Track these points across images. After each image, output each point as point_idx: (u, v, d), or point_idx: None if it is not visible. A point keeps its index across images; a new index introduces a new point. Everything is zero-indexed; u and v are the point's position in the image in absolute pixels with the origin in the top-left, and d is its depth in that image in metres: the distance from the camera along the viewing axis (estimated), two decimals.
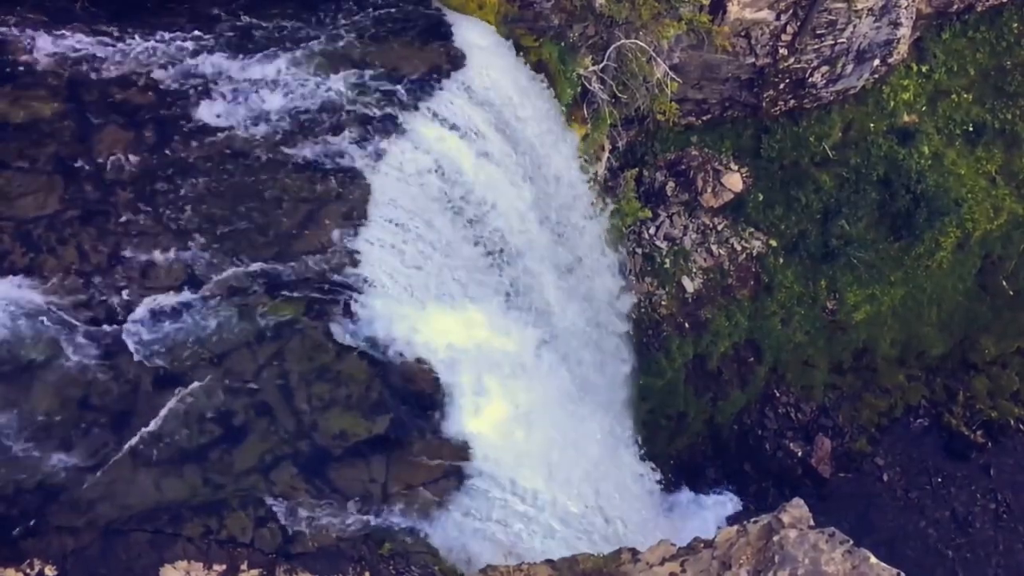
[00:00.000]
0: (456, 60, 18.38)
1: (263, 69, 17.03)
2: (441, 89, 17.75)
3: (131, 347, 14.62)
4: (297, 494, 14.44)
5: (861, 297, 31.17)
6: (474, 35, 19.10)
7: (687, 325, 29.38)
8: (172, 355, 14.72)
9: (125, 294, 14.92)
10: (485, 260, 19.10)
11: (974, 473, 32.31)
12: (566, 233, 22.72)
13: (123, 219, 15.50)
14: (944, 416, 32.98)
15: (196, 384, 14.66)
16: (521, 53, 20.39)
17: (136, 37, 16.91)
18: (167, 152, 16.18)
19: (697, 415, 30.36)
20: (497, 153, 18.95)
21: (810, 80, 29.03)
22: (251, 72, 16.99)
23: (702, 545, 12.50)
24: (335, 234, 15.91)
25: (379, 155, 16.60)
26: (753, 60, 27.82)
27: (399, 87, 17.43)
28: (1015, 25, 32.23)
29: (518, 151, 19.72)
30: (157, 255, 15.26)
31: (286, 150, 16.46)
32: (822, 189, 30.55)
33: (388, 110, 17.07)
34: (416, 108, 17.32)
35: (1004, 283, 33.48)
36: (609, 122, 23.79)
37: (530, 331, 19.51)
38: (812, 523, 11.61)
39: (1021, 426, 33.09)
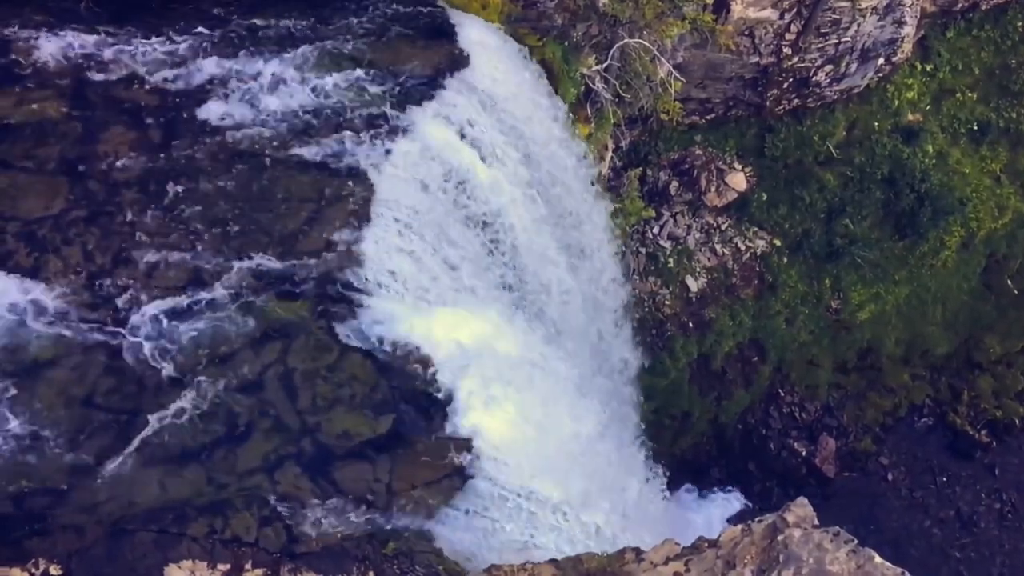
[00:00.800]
0: (460, 60, 18.39)
1: (268, 69, 17.03)
2: (445, 88, 17.77)
3: (136, 347, 14.64)
4: (301, 494, 14.46)
5: (865, 296, 31.13)
6: (478, 34, 19.11)
7: (691, 324, 29.37)
8: (177, 355, 14.74)
9: (130, 294, 14.93)
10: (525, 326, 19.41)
11: (979, 473, 32.27)
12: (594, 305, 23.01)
13: (128, 219, 15.51)
14: (949, 415, 32.93)
15: (200, 384, 14.67)
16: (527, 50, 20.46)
17: (141, 37, 16.93)
18: (172, 152, 16.19)
19: (701, 415, 30.34)
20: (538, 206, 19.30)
21: (814, 79, 28.99)
22: (256, 72, 17.01)
23: (706, 544, 12.50)
24: (340, 234, 15.92)
25: (384, 155, 16.61)
26: (757, 59, 27.79)
27: (404, 87, 17.45)
28: (1020, 24, 32.16)
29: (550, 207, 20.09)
30: (162, 255, 15.28)
31: (291, 150, 16.47)
32: (826, 188, 30.52)
33: (393, 110, 17.07)
34: (420, 107, 17.33)
35: (1009, 282, 33.42)
36: (613, 122, 23.79)
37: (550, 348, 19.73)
38: (816, 522, 11.60)
39: None
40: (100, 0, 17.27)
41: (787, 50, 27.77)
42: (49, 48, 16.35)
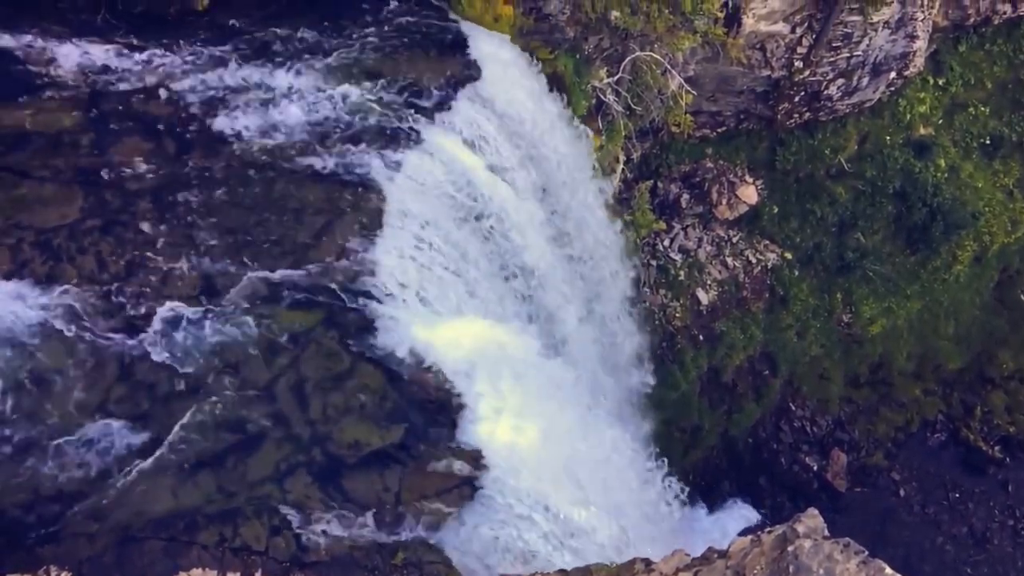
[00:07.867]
0: (472, 72, 18.49)
1: (282, 80, 17.17)
2: (457, 101, 17.86)
3: (148, 355, 14.71)
4: (311, 503, 14.47)
5: (877, 310, 31.04)
6: (490, 47, 19.22)
7: (701, 337, 29.32)
8: (189, 364, 14.80)
9: (143, 303, 15.02)
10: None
11: (992, 488, 32.06)
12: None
13: (142, 229, 15.62)
14: (961, 431, 32.75)
15: (212, 392, 14.73)
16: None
17: (157, 49, 17.08)
18: (186, 163, 16.31)
19: (712, 428, 30.25)
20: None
21: (825, 92, 29.01)
22: (270, 83, 17.14)
23: (716, 555, 12.44)
24: (352, 244, 16.00)
25: (396, 166, 16.70)
26: (768, 72, 27.83)
27: (416, 99, 17.55)
28: None
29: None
30: (175, 264, 15.38)
31: (304, 161, 16.57)
32: (837, 202, 30.50)
33: (405, 122, 17.17)
34: (433, 119, 17.43)
35: (1022, 297, 33.28)
36: (624, 134, 23.87)
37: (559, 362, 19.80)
38: (827, 533, 11.53)
39: None
40: (117, 12, 17.44)
41: (799, 64, 27.80)
42: (66, 59, 16.51)
